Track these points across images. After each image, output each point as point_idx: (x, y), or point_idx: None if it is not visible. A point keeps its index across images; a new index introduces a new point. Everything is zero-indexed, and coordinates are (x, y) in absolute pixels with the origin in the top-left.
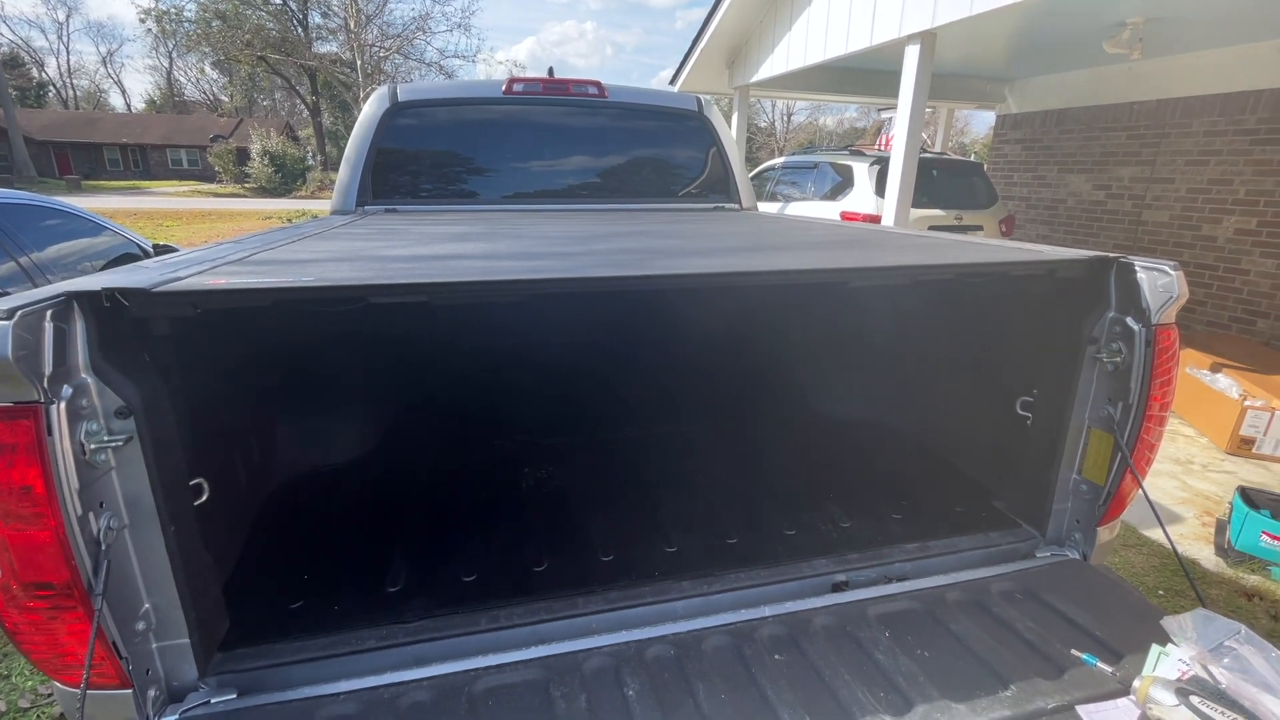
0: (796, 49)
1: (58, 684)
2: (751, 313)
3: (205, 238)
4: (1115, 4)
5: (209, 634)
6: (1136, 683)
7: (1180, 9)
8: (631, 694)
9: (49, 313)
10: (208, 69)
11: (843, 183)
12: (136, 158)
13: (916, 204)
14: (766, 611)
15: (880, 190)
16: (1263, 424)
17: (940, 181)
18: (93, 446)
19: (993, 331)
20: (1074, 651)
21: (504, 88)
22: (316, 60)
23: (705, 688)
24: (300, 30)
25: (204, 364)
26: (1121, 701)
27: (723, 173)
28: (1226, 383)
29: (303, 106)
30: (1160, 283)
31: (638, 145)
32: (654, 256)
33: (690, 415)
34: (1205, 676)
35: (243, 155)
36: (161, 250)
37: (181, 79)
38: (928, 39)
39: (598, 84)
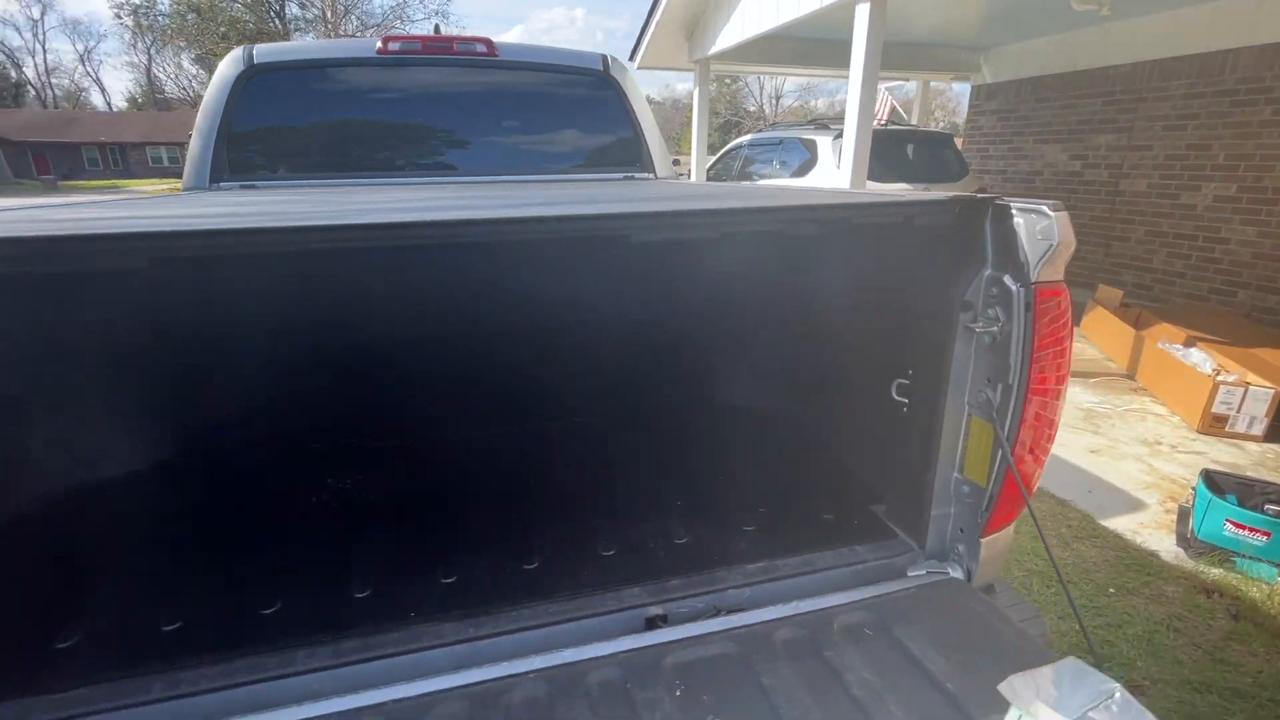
0: (751, 16)
1: None
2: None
3: None
4: None
5: None
6: None
7: None
8: None
9: None
10: (185, 64)
11: (810, 158)
12: (115, 156)
13: (882, 177)
14: (567, 658)
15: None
16: (1236, 400)
17: (911, 154)
18: None
19: (864, 300)
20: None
21: (378, 46)
22: None
23: None
24: (278, 22)
25: None
26: None
27: (633, 139)
28: (1199, 357)
29: None
30: (1038, 227)
31: (536, 110)
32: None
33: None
34: None
35: None
36: None
37: (161, 75)
38: (878, 1)
39: (487, 41)
